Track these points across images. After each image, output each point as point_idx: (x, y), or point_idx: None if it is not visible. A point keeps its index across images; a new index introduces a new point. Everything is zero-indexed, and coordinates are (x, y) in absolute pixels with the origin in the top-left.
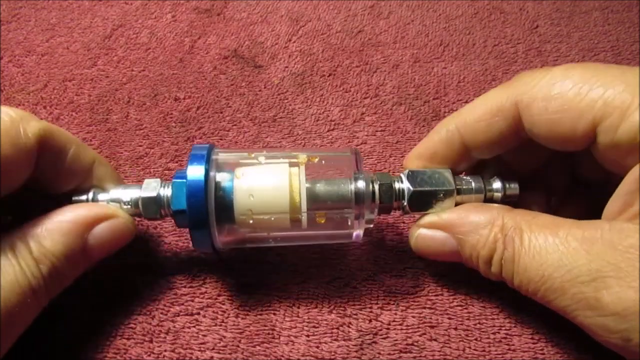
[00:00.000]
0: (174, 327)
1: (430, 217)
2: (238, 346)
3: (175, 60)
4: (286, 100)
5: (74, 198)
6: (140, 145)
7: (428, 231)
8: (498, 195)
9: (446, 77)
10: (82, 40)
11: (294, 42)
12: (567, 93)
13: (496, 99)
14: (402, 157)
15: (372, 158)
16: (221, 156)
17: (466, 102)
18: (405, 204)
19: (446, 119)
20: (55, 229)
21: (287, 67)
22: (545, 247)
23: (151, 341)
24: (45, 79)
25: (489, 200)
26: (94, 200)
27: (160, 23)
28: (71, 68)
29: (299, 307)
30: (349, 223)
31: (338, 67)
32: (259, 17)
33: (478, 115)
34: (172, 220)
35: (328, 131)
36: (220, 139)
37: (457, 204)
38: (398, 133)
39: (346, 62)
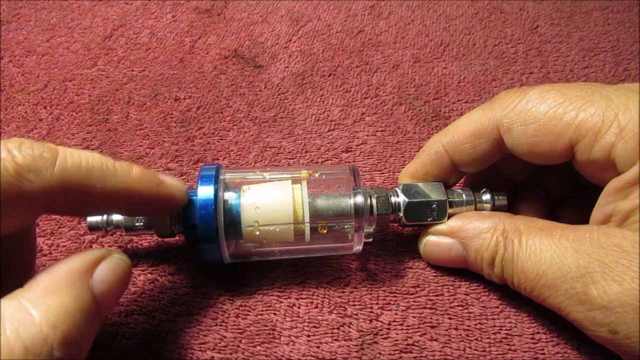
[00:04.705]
0: (175, 327)
1: (437, 226)
2: (238, 346)
3: (175, 60)
4: (286, 100)
5: (89, 220)
6: (141, 145)
7: (435, 238)
8: (487, 206)
9: (446, 77)
10: (82, 40)
11: (294, 42)
12: (544, 117)
13: (479, 121)
14: (402, 157)
15: (372, 158)
16: (228, 176)
17: (466, 102)
18: (401, 215)
19: (433, 139)
20: (57, 284)
21: (287, 67)
22: (540, 247)
23: (151, 341)
24: (46, 79)
25: (479, 210)
26: (109, 220)
27: (160, 23)
28: (71, 68)
29: (299, 307)
30: (349, 237)
31: (338, 67)
32: (259, 17)
33: (463, 137)
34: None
35: (328, 131)
36: (221, 139)
37: (449, 216)
38: (398, 133)
39: (346, 62)
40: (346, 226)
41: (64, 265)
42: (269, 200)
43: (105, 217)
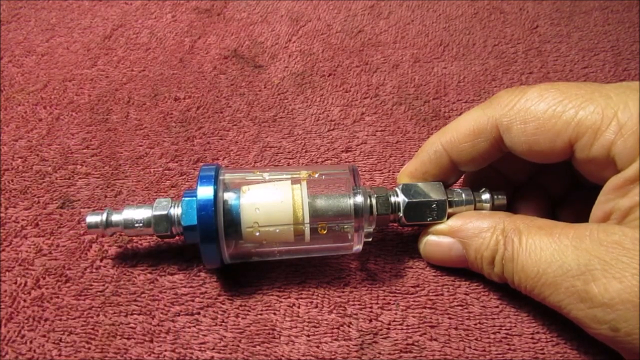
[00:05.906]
0: (174, 326)
1: (437, 225)
2: (238, 346)
3: (175, 60)
4: (286, 100)
5: (88, 219)
6: (140, 145)
7: (436, 237)
8: (487, 205)
9: (446, 77)
10: (82, 40)
11: (294, 42)
12: (543, 115)
13: (478, 120)
14: (402, 157)
15: (372, 158)
16: (227, 176)
17: (466, 102)
18: (401, 215)
19: (432, 138)
20: None
21: (287, 67)
22: (540, 246)
23: (151, 341)
24: (45, 79)
25: (478, 210)
26: (108, 220)
27: (160, 23)
28: (71, 68)
29: (299, 307)
30: (349, 237)
31: (338, 67)
32: (259, 17)
33: (462, 136)
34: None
35: (328, 131)
36: (220, 139)
37: (449, 215)
38: (398, 133)
39: (346, 62)
40: (346, 226)
41: None
42: (269, 201)
43: (104, 216)
